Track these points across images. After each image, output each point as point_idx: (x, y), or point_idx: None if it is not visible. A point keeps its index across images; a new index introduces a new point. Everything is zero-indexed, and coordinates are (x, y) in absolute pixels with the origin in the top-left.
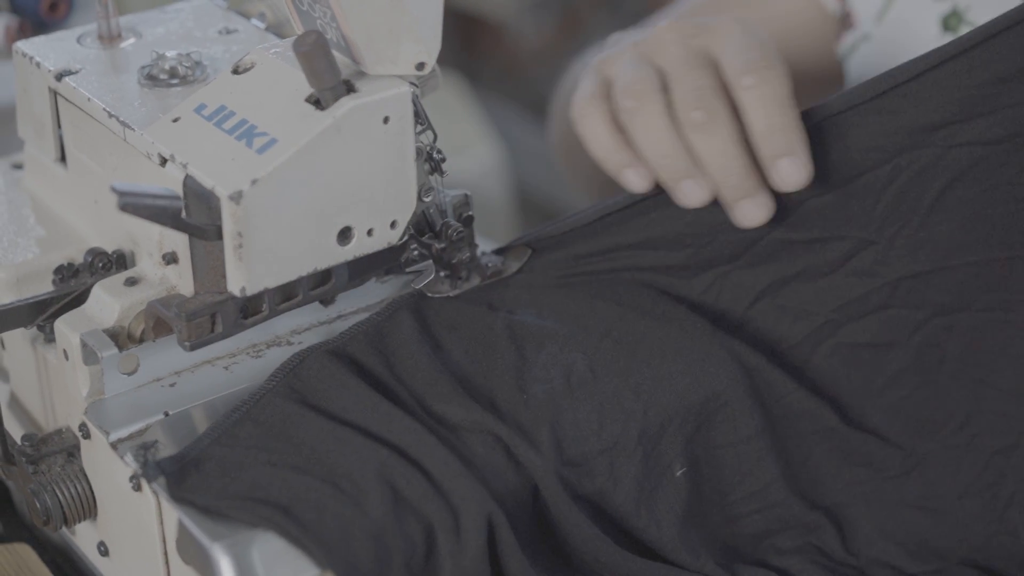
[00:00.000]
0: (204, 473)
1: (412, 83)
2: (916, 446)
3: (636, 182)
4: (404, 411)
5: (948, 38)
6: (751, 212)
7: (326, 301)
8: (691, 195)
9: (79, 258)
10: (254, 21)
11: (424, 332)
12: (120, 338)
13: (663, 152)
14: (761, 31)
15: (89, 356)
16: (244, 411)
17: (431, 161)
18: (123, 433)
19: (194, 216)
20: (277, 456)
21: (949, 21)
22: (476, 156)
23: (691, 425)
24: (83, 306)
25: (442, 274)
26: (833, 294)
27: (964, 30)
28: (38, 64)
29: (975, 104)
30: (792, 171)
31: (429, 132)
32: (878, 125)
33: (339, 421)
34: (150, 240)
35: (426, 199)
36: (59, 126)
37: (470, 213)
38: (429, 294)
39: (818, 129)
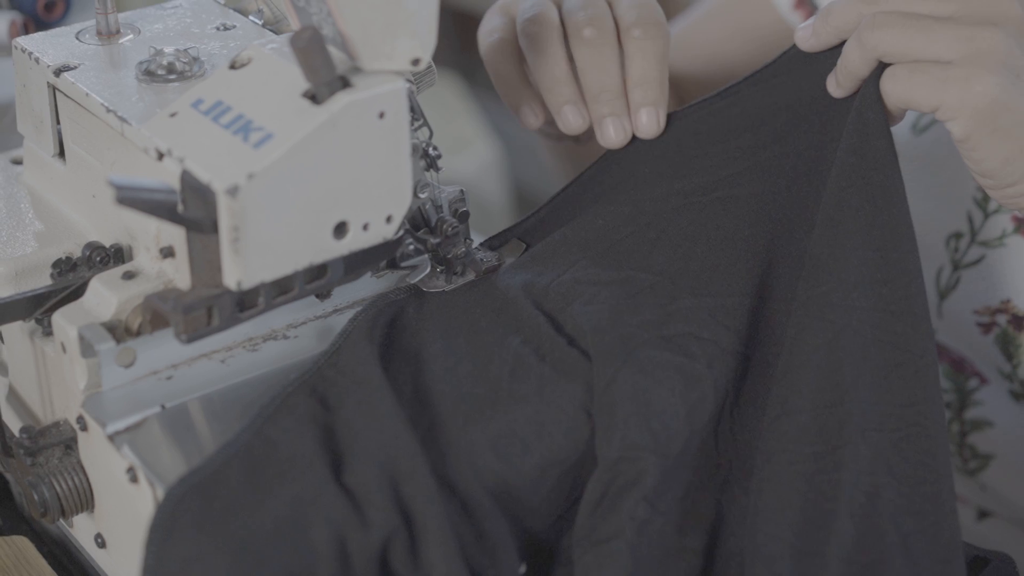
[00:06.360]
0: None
1: (408, 79)
2: None
3: (530, 119)
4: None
5: None
6: (614, 130)
7: (322, 295)
8: (570, 120)
9: (77, 252)
10: (251, 17)
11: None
12: (117, 331)
13: (554, 76)
14: None
15: (87, 349)
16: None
17: (427, 157)
18: (120, 426)
19: (191, 210)
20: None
21: None
22: (474, 154)
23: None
24: (81, 300)
25: (437, 269)
26: None
27: None
28: (37, 60)
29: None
30: (649, 121)
31: (425, 128)
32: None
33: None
34: (147, 234)
35: (422, 195)
36: (58, 121)
37: (465, 209)
38: (424, 289)
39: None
